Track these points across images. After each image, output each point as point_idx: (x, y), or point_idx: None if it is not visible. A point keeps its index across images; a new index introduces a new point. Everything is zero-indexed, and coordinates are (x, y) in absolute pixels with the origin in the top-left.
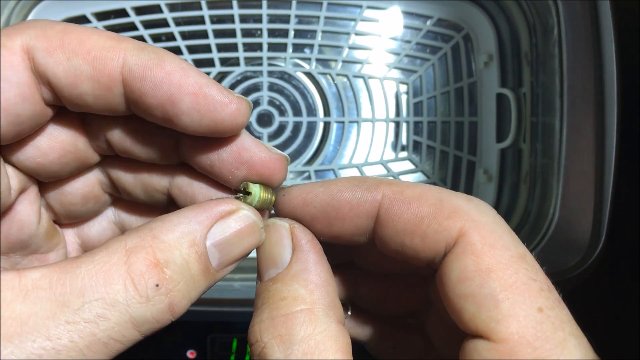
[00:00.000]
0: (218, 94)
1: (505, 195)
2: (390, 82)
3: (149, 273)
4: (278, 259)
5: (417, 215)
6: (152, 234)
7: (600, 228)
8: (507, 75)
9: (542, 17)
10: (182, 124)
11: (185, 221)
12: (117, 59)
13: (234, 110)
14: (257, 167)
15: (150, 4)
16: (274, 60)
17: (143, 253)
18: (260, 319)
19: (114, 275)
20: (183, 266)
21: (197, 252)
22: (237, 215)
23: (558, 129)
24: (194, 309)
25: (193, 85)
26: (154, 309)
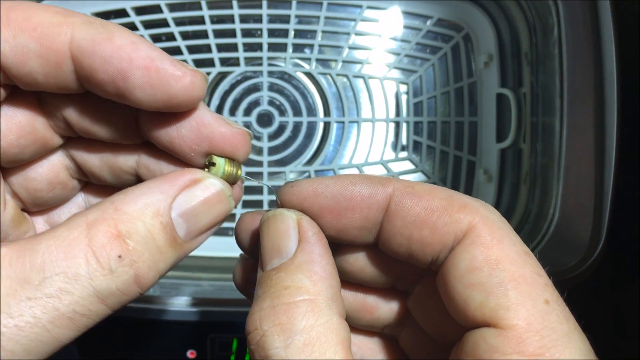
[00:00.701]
0: (170, 67)
1: (505, 195)
2: (390, 82)
3: (110, 245)
4: (283, 249)
5: (428, 208)
6: (113, 207)
7: (600, 228)
8: (507, 75)
9: (542, 17)
10: (135, 99)
11: (149, 192)
12: (64, 34)
13: (188, 83)
14: (218, 143)
15: (151, 4)
16: (274, 61)
17: (104, 225)
18: (261, 306)
19: (75, 249)
20: (147, 237)
21: (161, 222)
22: (203, 184)
23: (558, 129)
24: (193, 309)
25: (144, 58)
26: (118, 281)
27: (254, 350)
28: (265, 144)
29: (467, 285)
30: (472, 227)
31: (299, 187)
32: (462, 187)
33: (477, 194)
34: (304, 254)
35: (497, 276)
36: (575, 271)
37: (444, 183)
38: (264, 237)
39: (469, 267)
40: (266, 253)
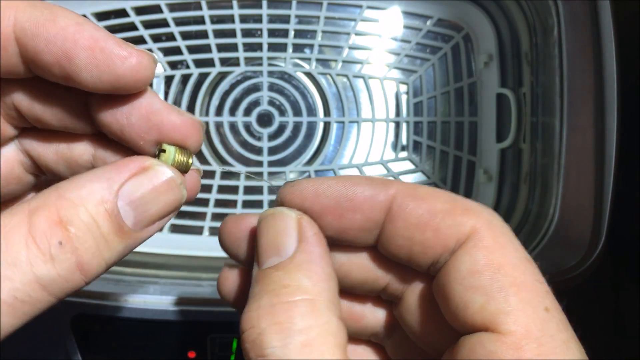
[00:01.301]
0: (116, 47)
1: (505, 195)
2: (390, 82)
3: (51, 231)
4: (282, 247)
5: (431, 210)
6: (57, 193)
7: (600, 228)
8: (507, 75)
9: (542, 17)
10: (82, 80)
11: (95, 179)
12: (7, 17)
13: (135, 63)
14: (168, 131)
15: (151, 4)
16: (274, 61)
17: (45, 212)
18: (259, 305)
19: (15, 236)
20: (90, 224)
21: (106, 209)
22: (152, 172)
23: (558, 129)
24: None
25: (88, 39)
26: (59, 268)
27: (249, 348)
28: (265, 144)
29: (468, 288)
30: (475, 231)
31: (299, 186)
32: (462, 187)
33: (477, 194)
34: (303, 254)
35: (498, 281)
36: (575, 271)
37: (444, 183)
38: (262, 235)
39: (470, 269)
40: (264, 250)
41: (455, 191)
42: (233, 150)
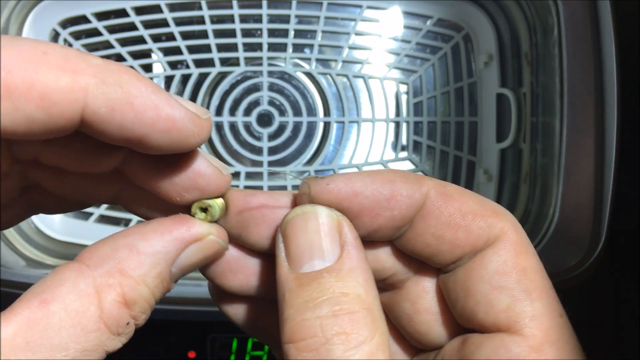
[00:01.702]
0: (190, 125)
1: (505, 195)
2: (390, 82)
3: (120, 315)
4: (325, 250)
5: (462, 210)
6: (119, 269)
7: (601, 228)
8: (507, 75)
9: (542, 17)
10: (145, 151)
11: (153, 252)
12: (76, 101)
13: (205, 137)
14: (210, 192)
15: (151, 4)
16: (274, 60)
17: (113, 294)
18: (318, 312)
19: (91, 325)
20: (149, 297)
21: (162, 281)
22: (206, 242)
23: (558, 129)
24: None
25: (166, 121)
26: (124, 339)
27: (309, 357)
28: (265, 144)
29: (494, 287)
30: (503, 233)
31: (335, 184)
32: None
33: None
34: (351, 260)
35: (524, 284)
36: (575, 271)
37: None
38: (297, 234)
39: (498, 270)
40: (301, 252)
41: None
42: (233, 150)
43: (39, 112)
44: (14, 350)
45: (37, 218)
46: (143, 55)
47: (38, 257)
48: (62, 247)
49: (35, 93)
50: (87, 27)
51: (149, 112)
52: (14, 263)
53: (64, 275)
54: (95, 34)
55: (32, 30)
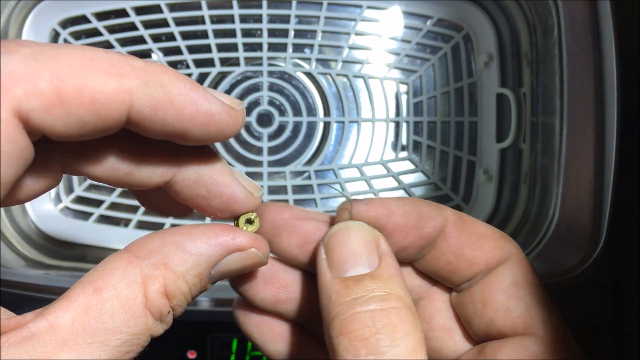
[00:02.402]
0: (226, 117)
1: (505, 195)
2: (390, 82)
3: (162, 304)
4: (368, 258)
5: (478, 233)
6: (164, 262)
7: (600, 228)
8: (507, 76)
9: (542, 17)
10: (185, 143)
11: (197, 253)
12: (123, 102)
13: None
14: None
15: (151, 4)
16: (274, 60)
17: (157, 285)
18: (369, 307)
19: (139, 311)
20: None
21: (200, 281)
22: (247, 253)
23: (558, 129)
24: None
25: (204, 115)
26: (165, 326)
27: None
28: (265, 144)
29: (511, 296)
30: (512, 253)
31: (373, 205)
32: (462, 187)
33: (477, 193)
34: (389, 267)
35: (535, 294)
36: (575, 271)
37: (444, 183)
38: (341, 244)
39: (513, 282)
40: (344, 260)
41: (455, 191)
42: (233, 150)
43: (89, 115)
44: (73, 335)
45: (37, 218)
46: (143, 55)
47: (38, 257)
48: (62, 247)
49: (86, 98)
50: (87, 27)
51: (188, 108)
52: (14, 263)
53: (115, 264)
54: (96, 34)
55: (32, 31)
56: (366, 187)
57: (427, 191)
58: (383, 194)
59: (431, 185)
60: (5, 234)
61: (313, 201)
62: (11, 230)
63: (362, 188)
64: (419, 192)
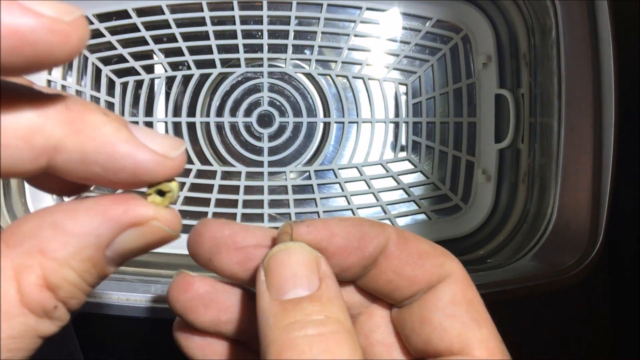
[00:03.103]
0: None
1: (503, 195)
2: (389, 83)
3: (43, 298)
4: (307, 280)
5: (419, 251)
6: (39, 248)
7: (599, 227)
8: (505, 76)
9: (540, 18)
10: None
11: (81, 232)
12: None
13: (76, 45)
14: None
15: (152, 5)
16: (274, 62)
17: (33, 277)
18: (307, 332)
19: (13, 310)
20: (77, 281)
21: (93, 265)
22: (148, 228)
23: (556, 129)
24: None
25: (9, 38)
26: (57, 322)
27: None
28: (266, 144)
29: (448, 316)
30: (452, 271)
31: (315, 226)
32: (460, 186)
33: (475, 193)
34: (329, 289)
35: (472, 313)
36: (573, 270)
37: (442, 183)
38: (280, 266)
39: (450, 300)
40: (283, 282)
41: (454, 191)
42: (234, 151)
43: None
44: None
45: None
46: (145, 57)
47: None
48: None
49: None
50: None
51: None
52: None
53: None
54: (97, 35)
55: None
56: (366, 187)
57: (426, 191)
58: (383, 194)
59: (430, 185)
60: None
61: (313, 201)
62: None
63: (362, 188)
64: (418, 192)
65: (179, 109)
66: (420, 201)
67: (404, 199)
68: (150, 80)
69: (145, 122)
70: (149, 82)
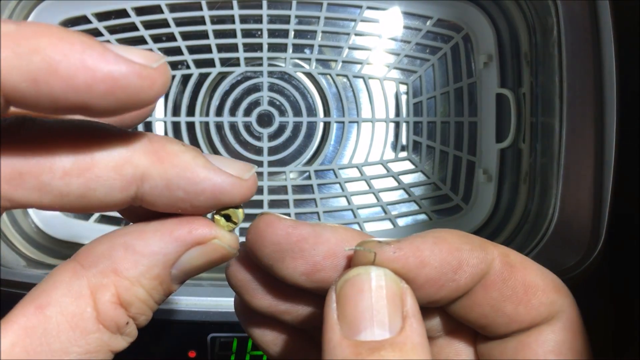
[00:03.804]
0: (138, 80)
1: (504, 195)
2: (390, 83)
3: (117, 315)
4: (388, 319)
5: (525, 283)
6: (113, 268)
7: (600, 227)
8: (506, 76)
9: (541, 18)
10: (92, 117)
11: (150, 253)
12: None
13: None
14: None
15: (151, 4)
16: (274, 61)
17: (108, 295)
18: None
19: (90, 327)
20: (146, 298)
21: (160, 283)
22: (209, 247)
23: (557, 129)
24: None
25: (104, 82)
26: (128, 338)
27: None
28: (266, 144)
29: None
30: (563, 311)
31: (403, 252)
32: (461, 187)
33: (476, 193)
34: (414, 335)
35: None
36: (574, 271)
37: (443, 183)
38: (357, 296)
39: (555, 350)
40: (359, 316)
41: (454, 191)
42: (233, 151)
43: None
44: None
45: (37, 218)
46: None
47: (38, 257)
48: (62, 247)
49: None
50: (87, 27)
51: (80, 76)
52: (14, 263)
53: (59, 277)
54: (96, 34)
55: None
56: (366, 187)
57: (426, 191)
58: (383, 194)
59: (431, 185)
60: (6, 233)
61: (313, 201)
62: (12, 229)
63: (363, 188)
64: (418, 192)
65: (178, 108)
66: (420, 201)
67: (405, 199)
68: None
69: (144, 121)
70: None
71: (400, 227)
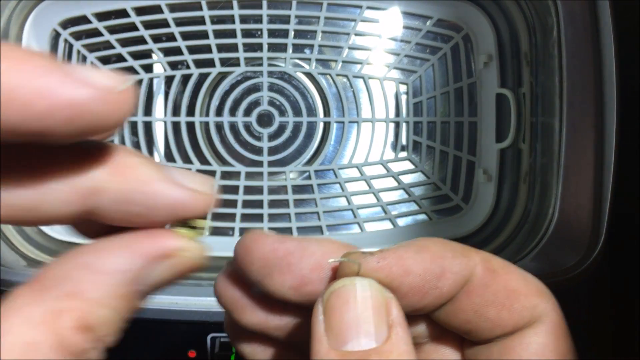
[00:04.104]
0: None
1: (504, 195)
2: (390, 83)
3: (79, 341)
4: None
5: (507, 288)
6: (73, 290)
7: (600, 227)
8: (506, 76)
9: (541, 17)
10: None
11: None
12: None
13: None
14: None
15: (151, 4)
16: (274, 61)
17: (71, 320)
18: None
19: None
20: (112, 318)
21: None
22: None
23: (557, 129)
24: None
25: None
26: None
27: None
28: (265, 144)
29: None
30: (546, 315)
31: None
32: (461, 186)
33: (476, 193)
34: (400, 342)
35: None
36: (574, 271)
37: (443, 183)
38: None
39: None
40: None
41: (454, 191)
42: (233, 151)
43: None
44: None
45: None
46: (143, 56)
47: (39, 257)
48: (62, 247)
49: None
50: (87, 27)
51: (40, 103)
52: (15, 263)
53: (16, 302)
54: (96, 34)
55: (33, 31)
56: (366, 187)
57: (426, 191)
58: (383, 194)
59: (431, 185)
60: (6, 233)
61: (313, 201)
62: (12, 229)
63: (362, 188)
64: (418, 192)
65: (178, 108)
66: (420, 201)
67: (405, 199)
68: (149, 79)
69: (144, 121)
70: (147, 82)
71: (400, 227)
